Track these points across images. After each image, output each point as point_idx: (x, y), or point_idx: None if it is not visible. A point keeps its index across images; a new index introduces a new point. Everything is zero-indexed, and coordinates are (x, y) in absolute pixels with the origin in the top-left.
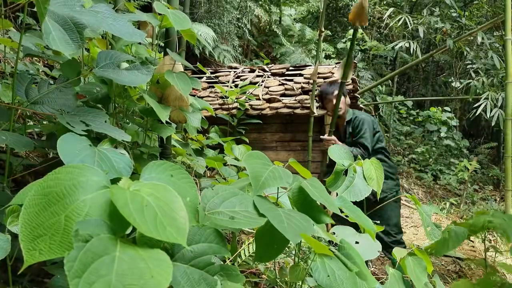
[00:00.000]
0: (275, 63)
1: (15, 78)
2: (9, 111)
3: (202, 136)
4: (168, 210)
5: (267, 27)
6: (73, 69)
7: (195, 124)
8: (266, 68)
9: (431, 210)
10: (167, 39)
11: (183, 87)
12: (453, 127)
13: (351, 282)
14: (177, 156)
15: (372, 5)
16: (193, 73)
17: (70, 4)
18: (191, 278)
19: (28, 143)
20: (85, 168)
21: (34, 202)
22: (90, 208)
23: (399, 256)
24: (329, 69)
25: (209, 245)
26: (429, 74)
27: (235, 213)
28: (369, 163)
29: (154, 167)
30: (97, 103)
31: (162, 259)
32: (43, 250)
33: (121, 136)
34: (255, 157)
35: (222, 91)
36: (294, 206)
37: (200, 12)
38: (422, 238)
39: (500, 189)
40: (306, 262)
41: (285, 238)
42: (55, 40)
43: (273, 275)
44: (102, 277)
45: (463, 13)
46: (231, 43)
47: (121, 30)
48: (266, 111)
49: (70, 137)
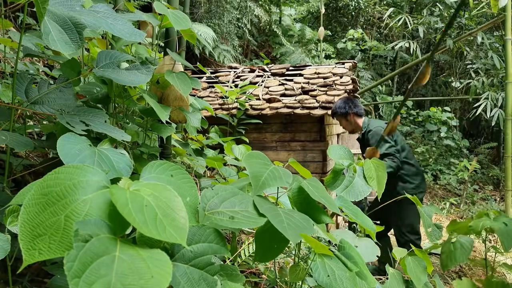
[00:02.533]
0: (275, 63)
1: (15, 78)
2: (9, 111)
3: (202, 136)
4: (168, 210)
5: (267, 27)
6: (73, 69)
7: (195, 124)
8: (266, 68)
9: (431, 210)
10: (167, 39)
11: (183, 87)
12: (453, 127)
13: (351, 282)
14: (177, 156)
15: (372, 5)
16: (193, 73)
17: (70, 4)
18: (191, 278)
19: (28, 143)
20: (85, 168)
21: (34, 201)
22: (90, 208)
23: (399, 256)
24: (329, 69)
25: (209, 245)
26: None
27: (235, 213)
28: (369, 162)
29: (154, 167)
30: (97, 103)
31: (162, 259)
32: (42, 249)
33: (121, 136)
34: (255, 157)
35: (222, 91)
36: (294, 206)
37: (200, 12)
38: (423, 238)
39: (500, 189)
40: (306, 262)
41: (285, 238)
42: (55, 40)
43: (273, 275)
44: (102, 277)
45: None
46: (231, 43)
47: (121, 30)
48: (266, 111)
49: (70, 137)
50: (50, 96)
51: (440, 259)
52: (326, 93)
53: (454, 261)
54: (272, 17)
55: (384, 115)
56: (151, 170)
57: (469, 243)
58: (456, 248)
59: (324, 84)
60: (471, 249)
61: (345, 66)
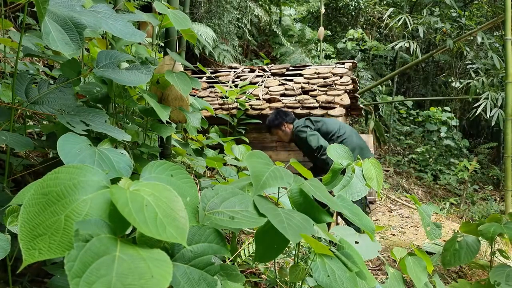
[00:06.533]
0: (275, 63)
1: (15, 78)
2: (9, 111)
3: (202, 136)
4: (168, 210)
5: (267, 27)
6: (73, 69)
7: (195, 124)
8: (266, 68)
9: (431, 209)
10: (167, 39)
11: (183, 87)
12: (453, 127)
13: (351, 282)
14: (177, 156)
15: (372, 5)
16: (193, 73)
17: (70, 4)
18: (191, 278)
19: (28, 143)
20: (85, 168)
21: (34, 201)
22: (90, 208)
23: (399, 256)
24: (329, 69)
25: (209, 245)
26: (429, 74)
27: (235, 213)
28: (368, 162)
29: (154, 167)
30: (97, 103)
31: (162, 259)
32: (42, 249)
33: (121, 136)
34: (257, 157)
35: (222, 91)
36: (294, 206)
37: (200, 12)
38: (422, 238)
39: (500, 189)
40: (306, 262)
41: (285, 238)
42: (55, 40)
43: (273, 275)
44: (102, 277)
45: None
46: (231, 43)
47: (121, 30)
48: (266, 111)
49: (70, 137)
50: (50, 96)
51: (442, 256)
52: (326, 93)
53: (458, 261)
54: (272, 17)
55: (384, 115)
56: (151, 170)
57: (476, 244)
58: (461, 247)
59: (324, 84)
60: (478, 250)
61: (345, 66)
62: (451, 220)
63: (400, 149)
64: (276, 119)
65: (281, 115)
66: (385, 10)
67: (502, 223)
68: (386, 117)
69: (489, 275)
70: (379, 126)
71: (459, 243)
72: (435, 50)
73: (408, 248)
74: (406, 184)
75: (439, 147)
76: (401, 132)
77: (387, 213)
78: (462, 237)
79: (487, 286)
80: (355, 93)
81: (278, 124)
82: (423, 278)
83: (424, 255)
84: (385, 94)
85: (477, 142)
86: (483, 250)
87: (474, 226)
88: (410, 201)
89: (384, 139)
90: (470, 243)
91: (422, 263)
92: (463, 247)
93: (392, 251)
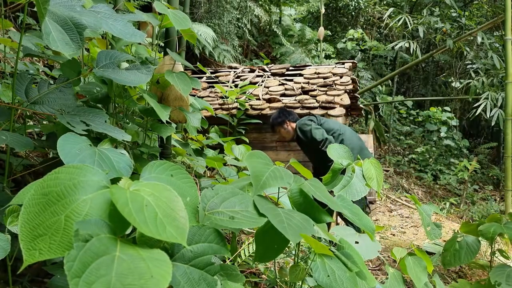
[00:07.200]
0: (275, 63)
1: (15, 78)
2: (9, 111)
3: (202, 136)
4: (168, 210)
5: (267, 27)
6: (73, 69)
7: (195, 124)
8: (266, 68)
9: (431, 209)
10: (167, 39)
11: (183, 87)
12: (453, 127)
13: (351, 282)
14: (177, 156)
15: (372, 5)
16: (193, 73)
17: (70, 4)
18: (191, 278)
19: (28, 143)
20: (85, 168)
21: (34, 201)
22: (90, 208)
23: (399, 256)
24: (329, 69)
25: (209, 245)
26: (429, 74)
27: (235, 213)
28: (368, 162)
29: (154, 167)
30: (97, 103)
31: (162, 259)
32: (42, 249)
33: (121, 136)
34: (257, 157)
35: (222, 91)
36: (294, 206)
37: (200, 12)
38: (422, 238)
39: (500, 189)
40: (306, 262)
41: (285, 238)
42: (55, 40)
43: (273, 275)
44: (102, 277)
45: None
46: (231, 43)
47: (121, 30)
48: (266, 111)
49: (70, 137)
50: (50, 96)
51: (442, 256)
52: (326, 93)
53: (458, 261)
54: (272, 17)
55: (384, 115)
56: (151, 170)
57: (476, 244)
58: (461, 247)
59: (324, 84)
60: (478, 250)
61: (345, 66)
62: (451, 220)
63: (400, 149)
64: (279, 116)
65: (284, 113)
66: (385, 10)
67: (502, 223)
68: (386, 117)
69: (489, 275)
70: (379, 126)
71: (459, 243)
72: (435, 50)
73: (408, 248)
74: (406, 184)
75: (439, 147)
76: (401, 132)
77: (387, 213)
78: (462, 237)
79: (487, 286)
80: (355, 93)
81: (281, 122)
82: (423, 278)
83: (424, 255)
84: (385, 94)
85: (477, 142)
86: (483, 250)
87: (474, 226)
88: (410, 201)
89: (384, 139)
90: (470, 243)
91: (422, 263)
92: (463, 247)
93: (392, 251)
